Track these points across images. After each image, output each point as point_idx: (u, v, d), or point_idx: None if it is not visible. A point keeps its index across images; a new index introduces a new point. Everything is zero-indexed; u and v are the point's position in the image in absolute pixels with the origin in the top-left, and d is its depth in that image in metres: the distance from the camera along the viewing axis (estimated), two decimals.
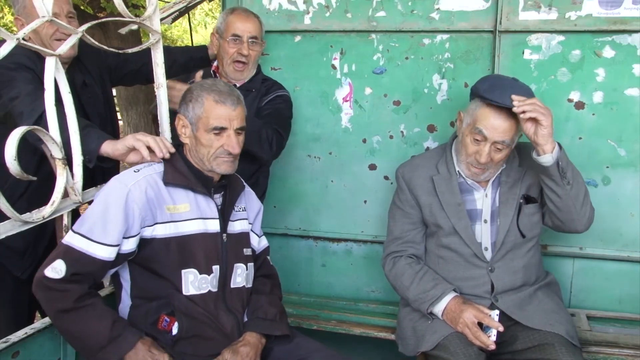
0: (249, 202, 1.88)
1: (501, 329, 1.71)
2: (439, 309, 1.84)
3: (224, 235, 1.70)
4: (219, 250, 1.68)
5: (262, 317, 1.73)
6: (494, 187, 1.94)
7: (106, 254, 1.52)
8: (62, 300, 1.47)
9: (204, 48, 2.55)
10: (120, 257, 1.57)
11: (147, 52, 1.94)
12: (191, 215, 1.65)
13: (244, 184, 1.87)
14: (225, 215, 1.73)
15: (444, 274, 1.94)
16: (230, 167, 1.69)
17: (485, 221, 1.92)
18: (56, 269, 1.48)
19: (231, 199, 1.76)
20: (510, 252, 1.91)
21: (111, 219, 1.52)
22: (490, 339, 1.70)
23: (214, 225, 1.68)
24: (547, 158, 1.73)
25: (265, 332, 1.71)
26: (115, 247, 1.53)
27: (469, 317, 1.74)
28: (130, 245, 1.57)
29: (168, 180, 1.63)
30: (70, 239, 1.53)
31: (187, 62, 2.54)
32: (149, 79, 2.03)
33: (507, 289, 1.88)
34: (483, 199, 1.93)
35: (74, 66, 2.12)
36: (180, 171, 1.66)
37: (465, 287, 1.91)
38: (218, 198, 1.74)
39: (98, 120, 2.23)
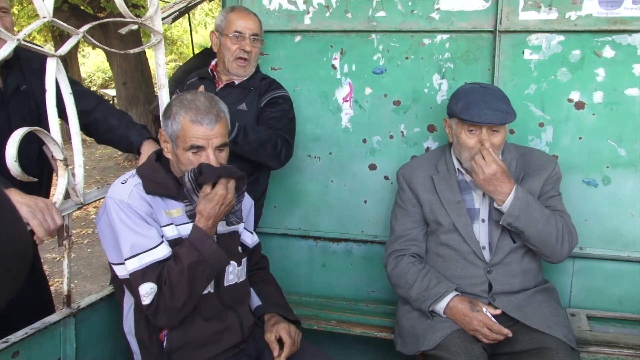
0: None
1: (510, 334, 1.77)
2: (440, 306, 1.86)
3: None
4: None
5: (276, 303, 1.84)
6: None
7: (164, 252, 1.55)
8: (172, 300, 1.50)
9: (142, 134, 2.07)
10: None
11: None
12: (184, 219, 1.64)
13: None
14: None
15: (442, 272, 1.95)
16: None
17: (483, 220, 1.93)
18: (148, 292, 1.51)
19: None
20: (507, 255, 1.91)
21: (138, 225, 1.54)
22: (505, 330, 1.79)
23: None
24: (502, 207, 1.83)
25: (283, 314, 1.80)
26: (163, 241, 1.57)
27: (478, 324, 1.79)
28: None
29: (149, 190, 1.61)
30: (131, 267, 1.53)
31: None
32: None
33: (506, 291, 1.89)
34: (481, 198, 1.94)
35: (9, 68, 1.92)
36: (159, 182, 1.64)
37: (463, 286, 1.92)
38: None
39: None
